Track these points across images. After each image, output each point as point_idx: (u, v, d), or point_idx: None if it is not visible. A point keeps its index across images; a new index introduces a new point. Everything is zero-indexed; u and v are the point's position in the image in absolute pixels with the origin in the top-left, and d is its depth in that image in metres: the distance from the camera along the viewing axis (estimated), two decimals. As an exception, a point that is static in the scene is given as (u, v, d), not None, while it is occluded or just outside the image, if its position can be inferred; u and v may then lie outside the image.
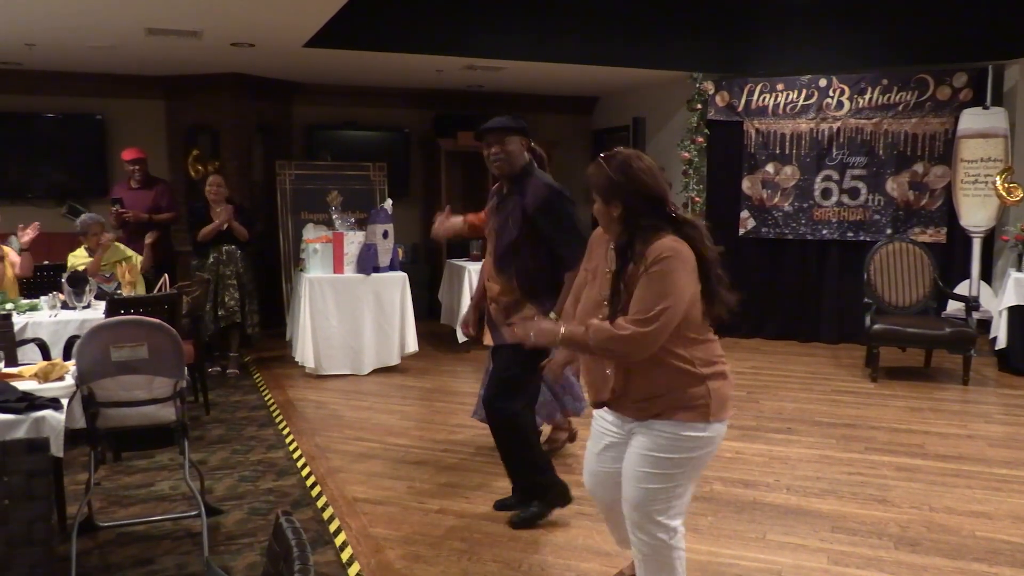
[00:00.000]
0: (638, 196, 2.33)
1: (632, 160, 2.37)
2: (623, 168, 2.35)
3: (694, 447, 2.34)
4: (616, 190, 2.35)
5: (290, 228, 7.46)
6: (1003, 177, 6.54)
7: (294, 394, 5.71)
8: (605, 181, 2.37)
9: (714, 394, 2.34)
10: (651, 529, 2.40)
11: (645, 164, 2.37)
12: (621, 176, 2.34)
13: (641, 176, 2.34)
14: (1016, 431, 4.89)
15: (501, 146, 3.34)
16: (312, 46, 6.32)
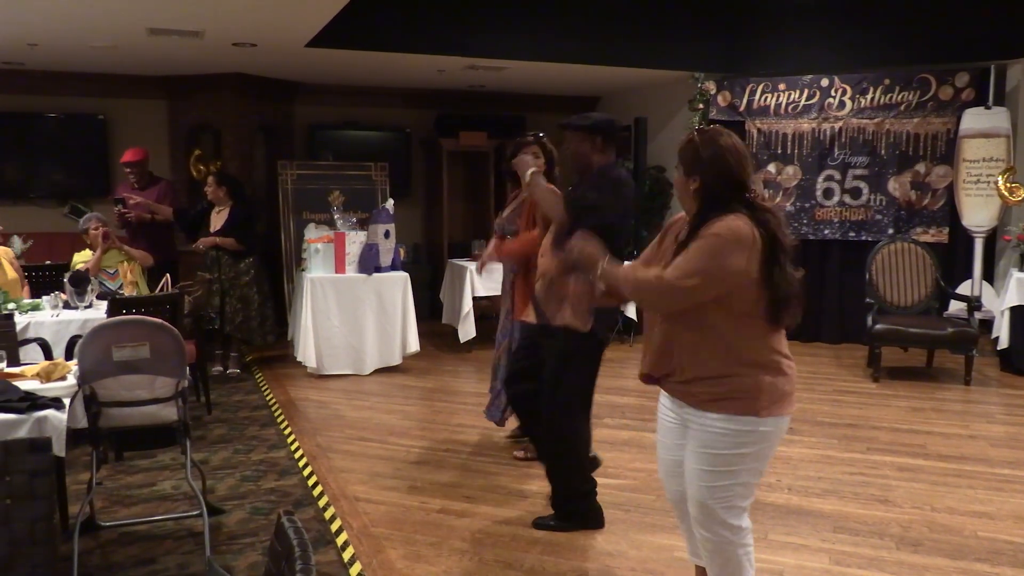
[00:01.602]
0: (718, 173, 2.35)
1: (721, 138, 2.39)
2: (710, 143, 2.37)
3: (747, 442, 2.33)
4: (699, 164, 2.37)
5: (292, 228, 7.46)
6: (1005, 177, 6.53)
7: (296, 394, 5.71)
8: (690, 153, 2.40)
9: (766, 387, 2.32)
10: (714, 527, 2.41)
11: (733, 144, 2.38)
12: (707, 151, 2.37)
13: (726, 155, 2.35)
14: (1018, 431, 4.88)
15: (571, 145, 3.41)
16: (314, 46, 6.33)
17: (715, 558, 2.46)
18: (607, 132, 3.41)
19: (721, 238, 2.25)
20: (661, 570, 3.11)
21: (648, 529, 3.47)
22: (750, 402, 2.30)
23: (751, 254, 2.25)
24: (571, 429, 3.37)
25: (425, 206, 9.23)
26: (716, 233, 2.26)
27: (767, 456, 2.42)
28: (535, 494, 3.85)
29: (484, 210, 9.04)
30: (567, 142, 3.43)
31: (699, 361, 2.35)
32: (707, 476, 2.37)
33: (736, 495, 2.39)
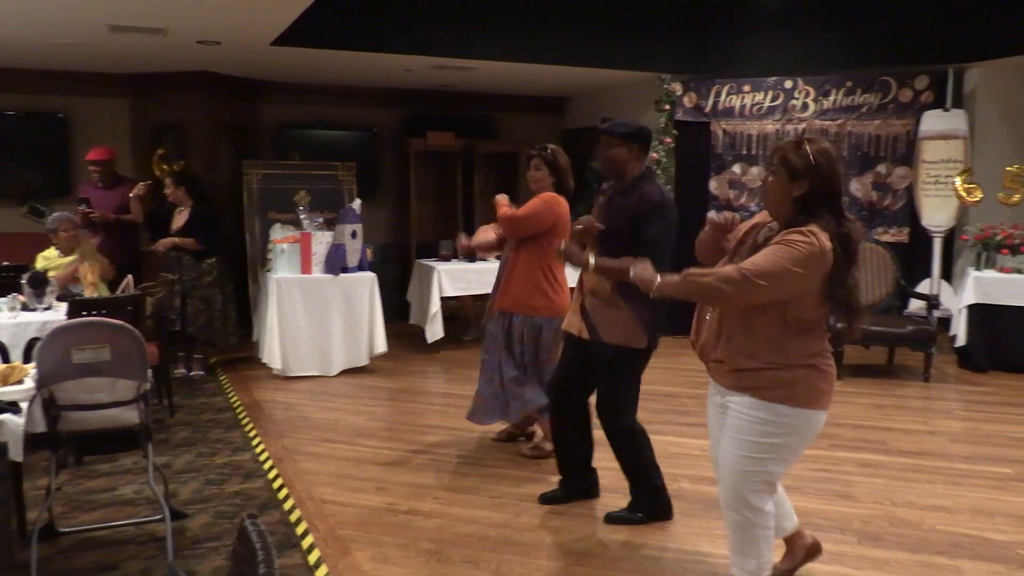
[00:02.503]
0: (824, 183, 2.45)
1: (831, 151, 2.50)
2: (824, 154, 2.47)
3: (778, 432, 2.50)
4: (809, 172, 2.45)
5: (257, 228, 7.38)
6: (963, 178, 6.67)
7: (261, 396, 5.66)
8: (802, 161, 2.46)
9: (803, 381, 2.47)
10: (739, 507, 2.60)
11: (837, 157, 2.51)
12: (821, 160, 2.45)
13: (835, 167, 2.47)
14: (976, 426, 4.99)
15: (608, 149, 3.44)
16: (280, 45, 6.27)
17: (737, 537, 2.66)
18: (643, 140, 3.48)
19: (802, 250, 2.35)
20: (628, 567, 3.13)
21: (614, 527, 3.49)
22: (785, 393, 2.47)
23: (819, 271, 2.37)
24: (630, 428, 3.52)
25: (393, 206, 9.19)
26: (799, 241, 2.36)
27: (797, 449, 2.58)
28: (503, 495, 3.86)
29: (452, 210, 9.03)
30: (603, 147, 3.46)
31: (744, 354, 2.50)
32: (740, 461, 2.56)
33: (763, 480, 2.57)
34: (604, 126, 3.49)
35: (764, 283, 2.33)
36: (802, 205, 2.46)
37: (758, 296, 2.38)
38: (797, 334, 2.47)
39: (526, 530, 3.46)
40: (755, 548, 2.63)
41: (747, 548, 2.64)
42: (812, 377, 2.49)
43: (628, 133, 3.43)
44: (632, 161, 3.43)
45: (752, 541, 2.62)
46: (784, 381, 2.47)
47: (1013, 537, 3.40)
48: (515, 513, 3.64)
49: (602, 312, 3.39)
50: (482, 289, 7.11)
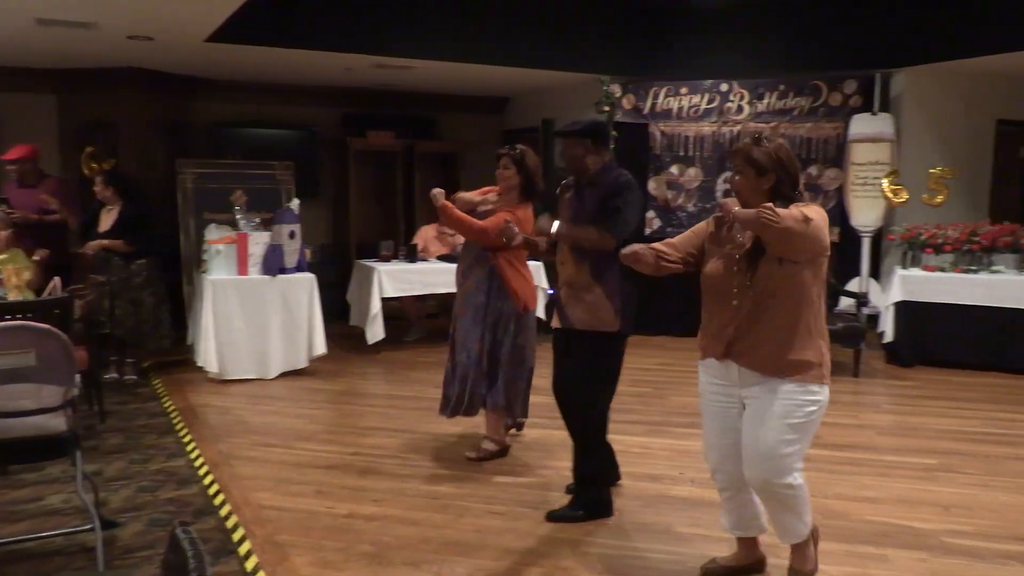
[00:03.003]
0: (787, 174, 2.73)
1: (786, 145, 2.81)
2: (781, 148, 2.76)
3: (817, 408, 2.74)
4: (773, 165, 2.71)
5: (192, 229, 7.22)
6: (890, 180, 6.90)
7: (196, 400, 5.53)
8: (765, 157, 2.72)
9: (826, 360, 2.77)
10: (776, 489, 2.76)
11: (792, 153, 2.82)
12: (781, 153, 2.74)
13: (793, 159, 2.77)
14: (902, 420, 5.17)
15: (570, 149, 3.59)
16: (214, 41, 6.14)
17: (782, 513, 2.83)
18: (596, 134, 3.62)
19: (821, 213, 2.63)
20: (569, 565, 3.15)
21: (556, 525, 3.51)
22: (818, 372, 2.73)
23: (828, 234, 2.65)
24: (599, 419, 3.62)
25: (332, 206, 9.09)
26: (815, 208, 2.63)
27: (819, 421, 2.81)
28: (445, 495, 3.85)
29: (392, 210, 8.98)
30: (562, 147, 3.62)
31: (793, 342, 2.70)
32: (782, 444, 2.71)
33: (797, 456, 2.75)
34: (558, 129, 3.63)
35: (816, 226, 2.56)
36: (774, 196, 2.70)
37: (814, 243, 2.59)
38: (819, 311, 2.75)
39: (469, 531, 3.46)
40: (799, 513, 2.82)
41: (795, 517, 2.83)
42: (827, 354, 2.78)
43: (580, 130, 3.58)
44: (589, 155, 3.56)
45: (798, 510, 2.81)
46: (818, 362, 2.73)
47: (936, 525, 3.54)
48: (457, 514, 3.63)
49: (575, 300, 3.52)
50: (423, 290, 7.10)
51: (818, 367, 2.73)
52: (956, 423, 5.07)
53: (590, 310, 3.48)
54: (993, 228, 6.66)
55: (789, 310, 2.69)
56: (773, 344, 2.71)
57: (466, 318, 4.30)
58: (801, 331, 2.70)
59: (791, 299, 2.69)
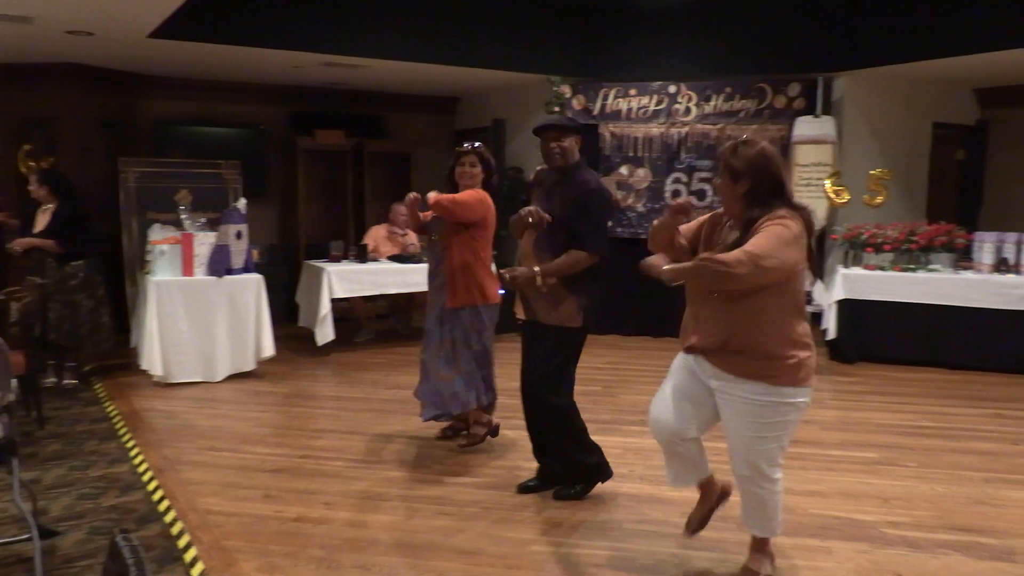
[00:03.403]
0: (765, 178, 2.72)
1: (767, 150, 2.77)
2: (760, 153, 2.75)
3: (790, 410, 2.77)
4: (748, 171, 2.72)
5: (135, 229, 7.05)
6: (832, 181, 7.07)
7: (140, 404, 5.41)
8: (740, 163, 2.74)
9: (804, 363, 2.76)
10: (760, 482, 2.84)
11: (774, 153, 2.79)
12: (757, 159, 2.73)
13: (772, 162, 2.75)
14: (845, 415, 5.30)
15: (559, 142, 3.63)
16: (158, 37, 6.01)
17: (756, 507, 2.92)
18: (580, 132, 3.75)
19: (792, 228, 2.62)
20: (520, 564, 3.16)
21: (506, 525, 3.52)
22: (793, 377, 2.73)
23: (803, 247, 2.67)
24: (566, 406, 3.72)
25: (280, 206, 8.96)
26: (785, 222, 2.63)
27: (799, 420, 2.85)
28: (395, 497, 3.83)
29: (342, 210, 8.89)
30: (553, 137, 3.63)
31: (756, 334, 2.72)
32: (756, 441, 2.78)
33: (777, 454, 2.82)
34: (553, 120, 3.72)
35: (771, 261, 2.54)
36: (750, 200, 2.73)
37: (766, 275, 2.58)
38: (794, 316, 2.75)
39: (419, 532, 3.44)
40: (773, 511, 2.92)
41: (766, 512, 2.91)
42: (808, 356, 2.78)
43: (577, 127, 3.71)
44: (576, 150, 3.69)
45: (770, 507, 2.90)
46: (792, 367, 2.73)
47: (878, 517, 3.63)
48: (407, 516, 3.62)
49: (543, 299, 3.63)
50: (373, 290, 7.04)
51: (790, 371, 2.73)
52: (896, 417, 5.22)
53: (554, 305, 3.61)
54: (930, 228, 6.87)
55: (761, 314, 2.72)
56: (746, 346, 2.75)
57: (434, 316, 4.44)
58: (774, 336, 2.73)
59: (763, 306, 2.71)
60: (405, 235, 7.79)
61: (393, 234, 7.78)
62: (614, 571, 3.13)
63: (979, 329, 6.42)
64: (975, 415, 5.28)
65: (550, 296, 3.60)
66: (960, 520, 3.61)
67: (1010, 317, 6.33)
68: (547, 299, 3.61)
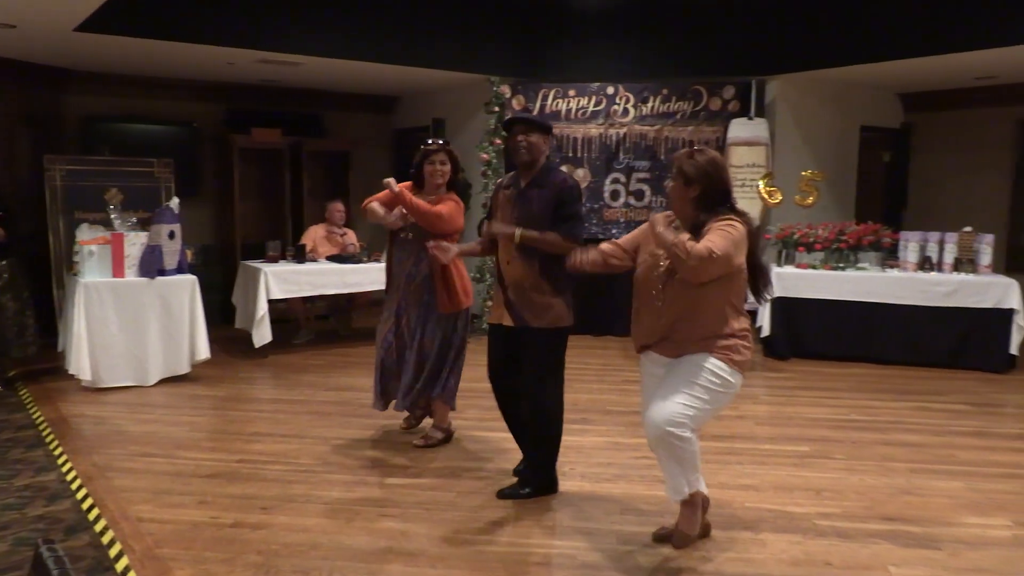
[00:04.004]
0: (715, 185, 2.95)
1: (718, 159, 3.03)
2: (711, 162, 2.99)
3: (718, 383, 2.96)
4: (700, 177, 2.95)
5: (62, 229, 6.82)
6: (765, 182, 7.24)
7: (68, 410, 5.23)
8: (694, 169, 2.97)
9: (738, 348, 2.98)
10: (668, 438, 2.93)
11: (723, 163, 3.04)
12: (709, 167, 2.97)
13: (722, 171, 2.99)
14: (779, 410, 5.44)
15: (526, 136, 3.68)
16: (85, 31, 5.82)
17: (668, 464, 3.02)
18: (551, 131, 3.82)
19: (738, 230, 2.86)
20: (461, 565, 3.16)
21: (448, 526, 3.51)
22: (726, 353, 2.97)
23: (744, 250, 2.90)
24: (557, 406, 3.79)
25: (216, 205, 8.77)
26: (732, 226, 2.86)
27: (722, 402, 3.05)
28: (335, 500, 3.79)
29: (279, 209, 8.75)
30: (520, 133, 3.68)
31: (697, 326, 2.97)
32: (678, 395, 2.93)
33: (690, 417, 2.93)
34: (522, 115, 3.83)
35: (719, 256, 2.78)
36: (699, 205, 2.96)
37: (714, 269, 2.82)
38: (732, 312, 2.98)
39: (359, 535, 3.41)
40: (682, 468, 2.99)
41: (678, 470, 3.00)
42: (743, 345, 3.00)
43: (546, 126, 3.76)
44: (544, 149, 3.75)
45: (679, 461, 2.98)
46: (727, 347, 2.97)
47: (809, 509, 3.74)
48: (347, 519, 3.58)
49: (527, 300, 3.67)
50: (312, 291, 6.96)
51: (726, 349, 2.97)
52: (827, 412, 5.38)
53: (545, 308, 3.66)
54: (858, 228, 7.09)
55: (701, 309, 2.96)
56: (686, 336, 3.00)
57: (415, 315, 4.43)
58: (712, 326, 2.97)
59: (704, 301, 2.95)
60: (344, 235, 7.70)
61: (332, 234, 7.69)
62: (556, 569, 3.15)
63: (905, 325, 6.66)
64: (901, 408, 5.48)
65: (539, 300, 3.66)
66: (888, 510, 3.74)
67: (934, 313, 6.59)
68: (536, 304, 3.66)
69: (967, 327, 6.53)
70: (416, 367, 4.43)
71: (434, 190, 4.42)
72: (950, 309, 6.55)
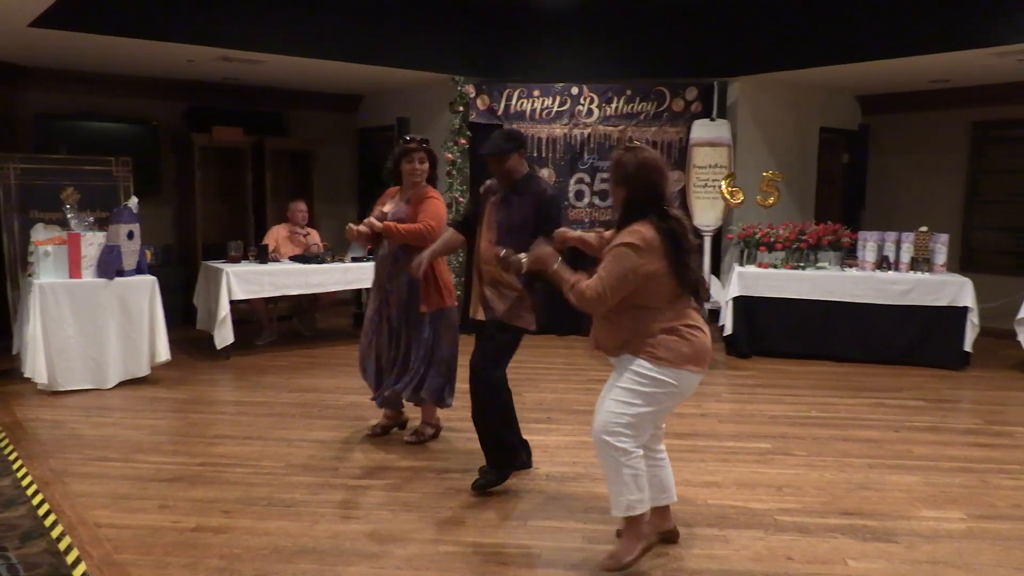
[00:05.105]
0: (642, 188, 2.89)
1: (645, 154, 2.93)
2: (640, 163, 2.90)
3: (646, 382, 2.90)
4: (627, 178, 2.90)
5: (16, 229, 6.66)
6: (727, 182, 7.33)
7: (24, 414, 5.12)
8: (619, 168, 2.93)
9: (663, 344, 2.89)
10: (607, 448, 2.92)
11: (653, 161, 2.93)
12: (633, 169, 2.89)
13: (651, 173, 2.90)
14: (741, 408, 5.50)
15: (504, 163, 3.79)
16: (40, 27, 5.70)
17: (609, 477, 3.00)
18: (522, 142, 3.90)
19: (628, 246, 2.81)
20: (426, 565, 3.15)
21: (412, 526, 3.50)
22: (650, 352, 2.90)
23: (653, 260, 2.81)
24: (502, 381, 3.90)
25: (176, 205, 8.64)
26: (624, 243, 2.82)
27: (668, 402, 2.99)
28: (298, 503, 3.76)
29: (242, 209, 8.64)
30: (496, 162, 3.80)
31: (615, 331, 2.97)
32: (610, 404, 2.94)
33: (626, 424, 2.92)
34: (489, 148, 3.82)
35: (611, 290, 2.82)
36: (628, 206, 2.91)
37: (614, 300, 2.84)
38: (651, 313, 2.91)
39: (323, 537, 3.39)
40: (624, 486, 2.95)
41: (618, 486, 2.96)
42: (673, 341, 2.90)
43: (514, 145, 3.82)
44: (521, 162, 3.86)
45: (621, 480, 2.94)
46: (648, 345, 2.90)
47: (771, 505, 3.79)
48: (311, 521, 3.55)
49: (500, 297, 3.79)
50: (274, 291, 6.88)
51: (649, 347, 2.91)
52: (787, 409, 5.46)
53: (514, 307, 3.78)
54: (818, 228, 7.21)
55: (614, 315, 2.96)
56: (609, 339, 3.02)
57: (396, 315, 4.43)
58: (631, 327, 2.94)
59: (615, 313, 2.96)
60: (307, 235, 7.64)
61: (294, 234, 7.62)
62: (522, 568, 3.16)
63: (863, 323, 6.79)
64: (859, 405, 5.58)
65: (512, 298, 3.78)
66: (846, 505, 3.81)
67: (891, 312, 6.72)
68: (506, 301, 3.78)
69: (923, 325, 6.67)
70: (400, 366, 4.44)
71: (412, 188, 4.42)
72: (907, 307, 6.68)
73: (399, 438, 4.69)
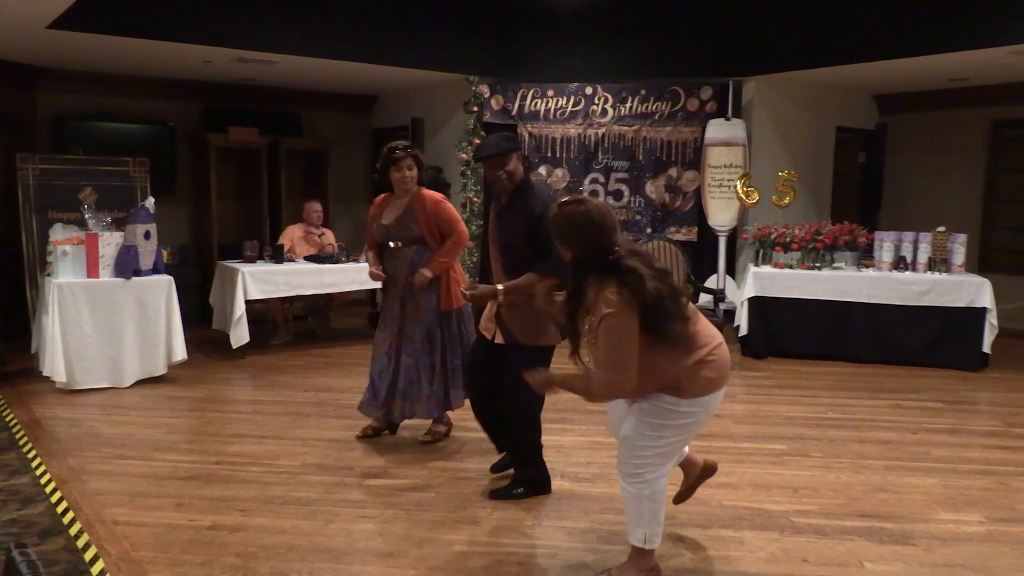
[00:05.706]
0: (580, 247, 2.69)
1: (575, 215, 2.68)
2: (568, 222, 2.69)
3: (673, 416, 2.78)
4: (564, 239, 2.73)
5: (35, 229, 6.73)
6: (742, 182, 7.30)
7: (42, 412, 5.17)
8: (556, 232, 2.75)
9: (688, 378, 2.73)
10: (632, 480, 2.86)
11: (589, 220, 2.67)
12: (569, 229, 2.69)
13: (587, 229, 2.66)
14: (756, 408, 5.48)
15: (503, 166, 3.66)
16: (58, 28, 5.75)
17: (629, 507, 2.93)
18: (518, 145, 3.82)
19: (608, 316, 2.59)
20: (441, 565, 3.15)
21: (427, 526, 3.51)
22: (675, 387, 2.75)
23: (633, 315, 2.60)
24: (532, 405, 3.76)
25: (192, 205, 8.70)
26: (602, 315, 2.60)
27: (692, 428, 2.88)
28: (313, 501, 3.77)
29: (257, 209, 8.69)
30: (495, 167, 3.67)
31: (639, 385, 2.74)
32: (638, 436, 2.82)
33: (656, 455, 2.83)
34: (490, 149, 3.70)
35: (622, 364, 2.63)
36: (578, 266, 2.73)
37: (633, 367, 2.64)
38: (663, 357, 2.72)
39: (338, 536, 3.40)
40: (641, 518, 2.88)
41: (636, 518, 2.90)
42: (696, 373, 2.75)
43: (515, 145, 3.73)
44: (521, 168, 3.74)
45: (639, 512, 2.88)
46: (672, 383, 2.75)
47: (786, 506, 3.77)
48: (326, 520, 3.56)
49: (518, 317, 3.67)
50: (290, 291, 6.91)
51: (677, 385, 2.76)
52: (803, 410, 5.43)
53: (534, 326, 3.65)
54: (834, 228, 7.16)
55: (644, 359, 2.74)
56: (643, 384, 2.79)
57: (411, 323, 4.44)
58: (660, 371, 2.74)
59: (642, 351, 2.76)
60: (322, 235, 7.67)
61: (309, 234, 7.65)
62: (536, 569, 3.16)
63: (880, 324, 6.74)
64: (876, 406, 5.54)
65: (530, 319, 3.63)
66: (863, 507, 3.78)
67: (908, 312, 6.67)
68: (527, 322, 3.65)
69: (940, 326, 6.61)
70: (415, 371, 4.46)
71: (405, 194, 4.43)
72: (924, 308, 6.63)
73: (414, 438, 4.69)
